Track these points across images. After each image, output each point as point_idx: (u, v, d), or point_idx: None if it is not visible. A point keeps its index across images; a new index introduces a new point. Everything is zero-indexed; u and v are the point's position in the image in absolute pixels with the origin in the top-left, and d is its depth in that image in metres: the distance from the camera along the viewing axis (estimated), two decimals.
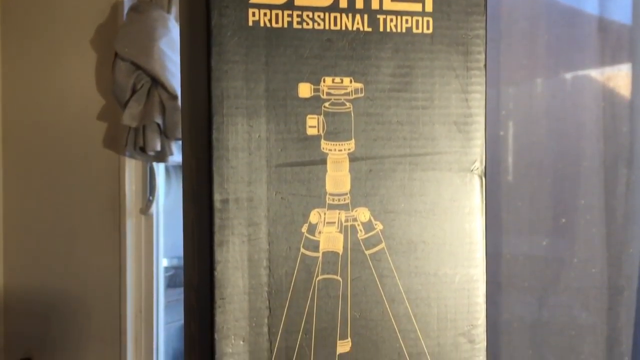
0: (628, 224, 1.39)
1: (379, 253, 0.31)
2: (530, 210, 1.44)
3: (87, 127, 1.98)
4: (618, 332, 1.37)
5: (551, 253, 1.45)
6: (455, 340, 0.32)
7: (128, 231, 1.94)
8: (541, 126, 1.47)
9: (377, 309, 0.31)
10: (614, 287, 1.39)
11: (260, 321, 0.30)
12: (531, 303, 1.44)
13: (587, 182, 1.42)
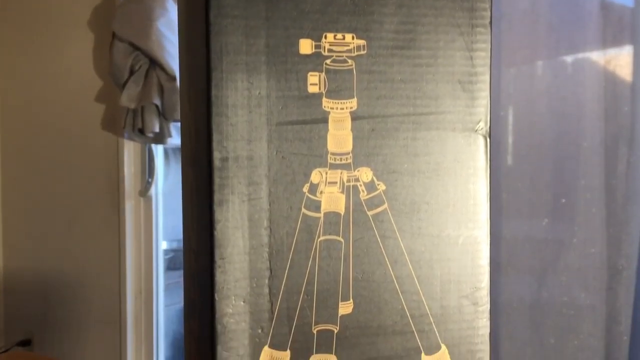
0: (628, 204, 1.38)
1: (382, 214, 0.31)
2: (530, 190, 1.44)
3: (85, 109, 1.97)
4: (617, 311, 1.37)
5: (551, 233, 1.45)
6: (458, 302, 0.32)
7: (127, 213, 1.93)
8: (542, 106, 1.46)
9: (380, 271, 0.31)
10: (614, 267, 1.39)
11: (260, 282, 0.29)
12: (530, 283, 1.44)
13: (587, 162, 1.42)
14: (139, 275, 1.95)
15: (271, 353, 0.30)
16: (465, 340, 0.32)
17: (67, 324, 1.99)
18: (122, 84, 1.84)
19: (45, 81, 2.05)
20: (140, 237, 1.96)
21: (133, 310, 1.95)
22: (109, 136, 1.93)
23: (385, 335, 0.31)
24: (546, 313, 1.43)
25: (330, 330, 0.30)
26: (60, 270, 2.01)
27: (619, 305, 1.37)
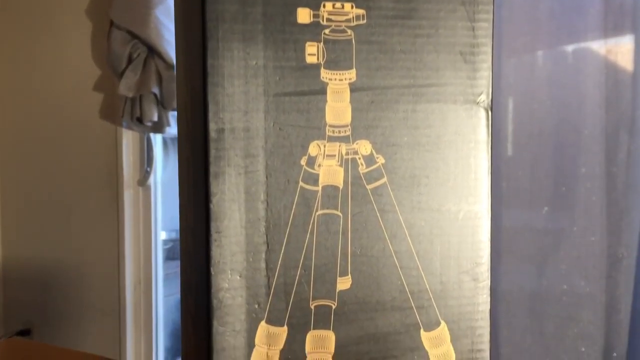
0: (628, 192, 1.38)
1: (381, 187, 0.30)
2: (530, 178, 1.43)
3: (82, 98, 1.96)
4: (617, 300, 1.37)
5: (551, 222, 1.45)
6: (458, 278, 0.31)
7: (126, 203, 1.93)
8: (542, 94, 1.45)
9: (378, 245, 0.30)
10: (614, 255, 1.38)
11: (257, 256, 0.29)
12: (530, 271, 1.44)
13: (588, 150, 1.41)
14: (138, 264, 1.95)
15: (268, 329, 0.29)
16: (465, 317, 0.31)
17: (67, 313, 1.99)
18: (120, 73, 1.83)
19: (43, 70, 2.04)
20: (139, 227, 1.96)
21: (132, 299, 1.95)
22: (107, 125, 1.92)
23: (384, 311, 0.30)
24: (546, 301, 1.43)
25: (328, 305, 0.30)
26: (59, 260, 2.00)
27: (618, 294, 1.37)
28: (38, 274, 2.05)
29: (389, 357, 0.30)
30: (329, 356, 0.30)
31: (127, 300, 1.95)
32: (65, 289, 2.01)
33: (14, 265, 2.09)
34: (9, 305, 2.09)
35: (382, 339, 0.30)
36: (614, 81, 1.40)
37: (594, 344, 1.40)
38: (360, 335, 0.30)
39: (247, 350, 0.29)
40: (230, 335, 0.28)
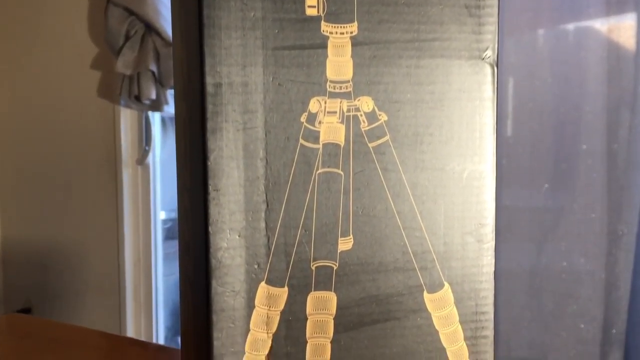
0: (629, 169, 1.37)
1: (383, 146, 0.29)
2: (530, 156, 1.43)
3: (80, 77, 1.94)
4: (616, 277, 1.37)
5: (551, 199, 1.44)
6: (462, 239, 0.30)
7: (124, 182, 1.92)
8: (543, 71, 1.44)
9: (381, 205, 0.29)
10: (614, 232, 1.38)
11: (257, 215, 0.28)
12: (530, 249, 1.44)
13: (589, 126, 1.40)
14: (137, 243, 1.95)
15: (268, 289, 0.28)
16: (469, 278, 0.31)
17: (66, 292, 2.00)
18: (118, 50, 1.82)
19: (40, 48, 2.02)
20: (137, 205, 1.95)
21: (132, 278, 1.95)
22: (105, 104, 1.91)
23: (387, 273, 0.30)
24: (545, 279, 1.43)
25: (330, 266, 0.29)
26: (58, 239, 2.00)
27: (618, 271, 1.37)
28: (37, 254, 2.05)
29: (391, 319, 0.30)
30: (330, 318, 0.29)
31: (127, 279, 1.95)
32: (64, 268, 2.01)
33: (13, 245, 2.09)
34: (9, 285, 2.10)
35: (384, 301, 0.29)
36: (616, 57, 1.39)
37: (593, 320, 1.40)
38: (362, 296, 0.29)
39: (246, 311, 0.28)
40: (230, 296, 0.28)
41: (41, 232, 2.04)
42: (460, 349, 0.31)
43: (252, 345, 0.28)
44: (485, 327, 0.31)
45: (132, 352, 0.81)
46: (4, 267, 2.10)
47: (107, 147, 1.90)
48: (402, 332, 0.30)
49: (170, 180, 1.95)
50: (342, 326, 0.29)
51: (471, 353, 0.31)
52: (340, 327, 0.29)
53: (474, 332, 0.31)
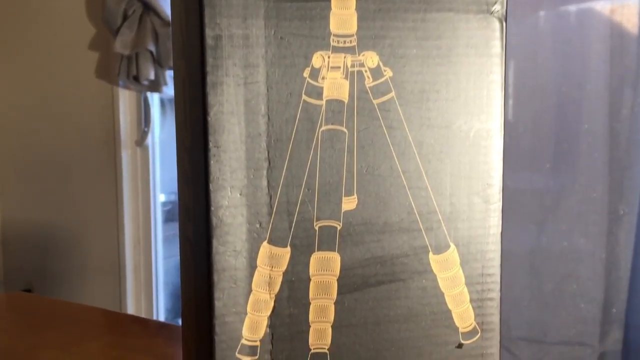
0: (631, 149, 1.36)
1: (388, 102, 0.28)
2: (532, 135, 1.42)
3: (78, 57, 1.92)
4: (617, 256, 1.37)
5: (552, 178, 1.44)
6: (469, 199, 0.30)
7: (124, 163, 1.91)
8: (545, 48, 1.43)
9: (385, 164, 0.29)
10: (614, 212, 1.38)
11: (258, 173, 0.27)
12: (530, 229, 1.43)
13: (591, 106, 1.39)
14: (137, 224, 1.94)
15: (270, 249, 0.28)
16: (475, 240, 0.30)
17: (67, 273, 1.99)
18: (116, 30, 1.80)
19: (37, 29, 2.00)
20: (137, 187, 1.95)
21: (132, 260, 1.95)
22: (103, 85, 1.89)
23: (391, 233, 0.29)
24: (546, 259, 1.42)
25: (333, 226, 0.28)
26: (58, 221, 2.00)
27: (618, 250, 1.36)
28: (37, 236, 2.04)
29: (396, 281, 0.29)
30: (334, 279, 0.29)
31: (127, 261, 1.95)
32: (64, 250, 2.01)
33: (13, 227, 2.09)
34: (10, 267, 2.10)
35: (389, 262, 0.29)
36: (619, 35, 1.37)
37: (593, 300, 1.40)
38: (367, 257, 0.29)
39: (248, 271, 0.28)
40: (231, 256, 0.27)
41: (41, 214, 2.03)
42: (465, 311, 0.30)
43: (254, 306, 0.28)
44: (492, 289, 0.30)
45: (133, 328, 0.80)
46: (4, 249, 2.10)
47: (106, 129, 1.89)
48: (406, 293, 0.29)
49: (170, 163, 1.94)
50: (345, 287, 0.29)
51: (477, 315, 0.30)
52: (344, 289, 0.29)
53: (480, 294, 0.30)
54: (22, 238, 2.08)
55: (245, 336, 0.28)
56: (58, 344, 0.69)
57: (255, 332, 0.28)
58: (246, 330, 0.28)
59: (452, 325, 0.30)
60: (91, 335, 0.75)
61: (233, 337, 0.28)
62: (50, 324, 0.78)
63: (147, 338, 0.75)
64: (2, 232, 2.10)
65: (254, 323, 0.28)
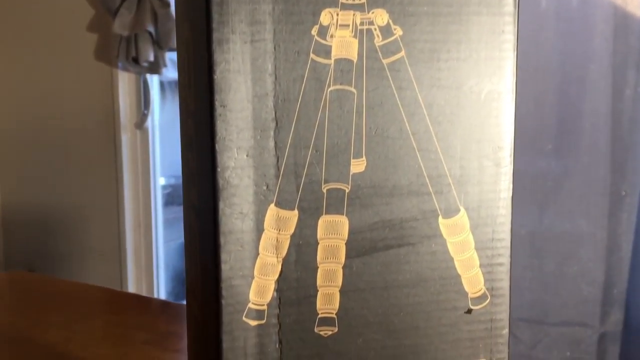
0: (634, 129, 1.35)
1: (398, 62, 0.28)
2: (534, 115, 1.41)
3: (76, 39, 1.91)
4: (618, 237, 1.36)
5: (554, 159, 1.43)
6: (479, 162, 0.29)
7: (123, 145, 1.90)
8: (548, 27, 1.41)
9: (395, 126, 0.28)
10: (616, 193, 1.37)
11: (266, 134, 0.27)
12: (532, 209, 1.43)
13: (594, 85, 1.38)
14: (137, 208, 1.94)
15: (277, 212, 0.27)
16: (485, 204, 0.29)
17: (68, 257, 1.99)
18: (114, 11, 1.78)
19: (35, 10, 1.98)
20: (137, 170, 1.94)
21: (132, 243, 1.95)
22: (102, 67, 1.88)
23: (401, 196, 0.28)
24: (547, 239, 1.42)
25: (341, 189, 0.28)
26: (58, 203, 1.99)
27: (620, 232, 1.36)
28: (38, 219, 2.04)
29: (404, 245, 0.29)
30: (342, 242, 0.28)
31: (127, 243, 1.94)
32: (65, 232, 2.00)
33: (13, 210, 2.08)
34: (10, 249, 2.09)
35: (397, 226, 0.28)
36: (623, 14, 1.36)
37: (594, 281, 1.40)
38: (375, 221, 0.28)
39: (255, 234, 0.27)
40: (238, 218, 0.27)
41: (41, 197, 2.03)
42: (475, 276, 0.30)
43: (261, 269, 0.27)
44: (502, 254, 0.30)
45: (135, 306, 0.80)
46: (5, 232, 2.10)
47: (105, 111, 1.88)
48: (415, 258, 0.29)
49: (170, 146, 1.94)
50: (354, 251, 0.28)
51: (486, 280, 0.30)
52: (352, 253, 0.28)
53: (490, 259, 0.30)
54: (22, 221, 2.07)
55: (252, 300, 0.27)
56: (60, 321, 0.69)
57: (262, 296, 0.27)
58: (253, 294, 0.27)
59: (462, 291, 0.30)
60: (93, 313, 0.75)
61: (240, 300, 0.27)
62: (52, 302, 0.77)
63: (149, 316, 0.75)
64: (3, 215, 2.10)
65: (261, 287, 0.27)
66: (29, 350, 0.61)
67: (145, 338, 0.64)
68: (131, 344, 0.63)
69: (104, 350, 0.62)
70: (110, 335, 0.68)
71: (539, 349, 1.41)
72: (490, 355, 0.30)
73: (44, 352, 0.60)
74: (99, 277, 1.90)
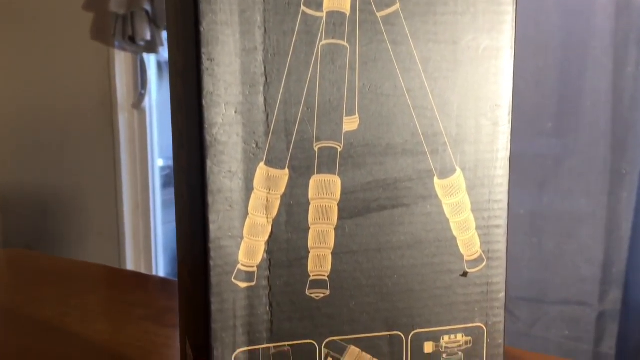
0: (635, 107, 1.34)
1: (393, 16, 0.27)
2: (534, 93, 1.39)
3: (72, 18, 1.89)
4: (618, 216, 1.36)
5: (554, 137, 1.42)
6: (476, 121, 0.28)
7: (121, 126, 1.89)
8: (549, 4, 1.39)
9: (389, 82, 0.27)
10: (617, 171, 1.36)
11: (255, 90, 0.26)
12: (531, 188, 1.42)
13: (595, 63, 1.36)
14: (135, 188, 1.93)
15: (268, 171, 0.26)
16: (482, 164, 0.29)
17: (66, 237, 1.99)
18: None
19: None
20: (135, 150, 1.93)
21: (131, 224, 1.95)
22: (99, 46, 1.86)
23: (395, 155, 0.27)
24: (547, 218, 1.42)
25: (334, 148, 0.27)
26: (56, 184, 1.99)
27: (620, 210, 1.36)
28: (36, 199, 2.03)
29: (399, 206, 0.28)
30: (334, 203, 0.27)
31: (126, 224, 1.94)
32: (63, 214, 2.00)
33: (11, 191, 2.08)
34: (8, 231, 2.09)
35: (392, 186, 0.28)
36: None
37: (593, 260, 1.40)
38: (369, 181, 0.27)
39: (244, 193, 0.26)
40: (226, 177, 0.26)
41: (39, 178, 2.02)
42: (471, 239, 0.29)
43: (251, 230, 0.27)
44: (499, 216, 0.29)
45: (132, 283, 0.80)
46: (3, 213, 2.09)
47: (102, 91, 1.86)
48: (410, 219, 0.28)
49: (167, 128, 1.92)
50: (346, 212, 0.27)
51: (483, 243, 0.29)
52: (345, 213, 0.27)
53: (487, 221, 0.29)
54: (20, 203, 2.07)
55: (241, 262, 0.27)
56: (57, 297, 0.68)
57: (252, 258, 0.27)
58: (242, 255, 0.27)
59: (457, 253, 0.29)
60: (91, 289, 0.74)
61: (229, 262, 0.26)
62: (50, 278, 0.77)
63: (147, 292, 0.75)
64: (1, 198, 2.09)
65: (250, 248, 0.27)
66: (25, 325, 0.60)
67: (143, 314, 0.64)
68: (128, 319, 0.63)
69: (100, 325, 0.62)
70: (107, 310, 0.68)
71: (538, 328, 1.41)
72: (486, 319, 0.30)
73: (39, 327, 0.59)
74: (97, 259, 1.90)
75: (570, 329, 1.42)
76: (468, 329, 0.29)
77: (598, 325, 1.39)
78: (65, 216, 1.99)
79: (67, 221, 2.00)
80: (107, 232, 1.93)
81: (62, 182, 1.97)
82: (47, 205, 2.00)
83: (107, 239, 1.93)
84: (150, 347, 0.56)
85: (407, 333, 0.29)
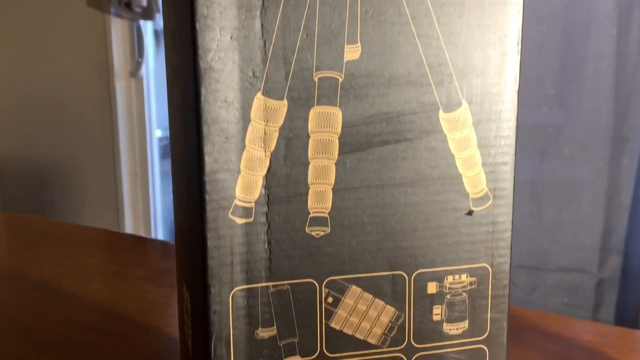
0: (638, 73, 1.32)
1: None
2: (536, 59, 1.37)
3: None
4: (619, 184, 1.35)
5: (556, 104, 1.40)
6: (484, 52, 0.27)
7: (118, 94, 1.87)
8: None
9: (393, 9, 0.26)
10: (618, 137, 1.35)
11: (251, 14, 0.24)
12: (532, 155, 1.41)
13: (599, 28, 1.34)
14: (133, 158, 1.92)
15: (265, 101, 0.25)
16: (489, 98, 0.27)
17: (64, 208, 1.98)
18: None
19: None
20: (132, 119, 1.91)
21: (129, 192, 1.94)
22: (95, 13, 1.83)
23: (398, 87, 0.26)
24: (547, 186, 1.41)
25: (334, 78, 0.26)
26: (54, 155, 1.97)
27: (620, 178, 1.35)
28: (34, 169, 2.02)
29: (402, 140, 0.27)
30: (335, 136, 0.26)
31: (124, 195, 1.93)
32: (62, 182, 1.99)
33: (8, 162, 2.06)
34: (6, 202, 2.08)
35: (395, 119, 0.26)
36: None
37: (593, 227, 1.39)
38: (371, 114, 0.26)
39: (241, 124, 0.25)
40: (222, 107, 0.25)
41: (37, 148, 2.01)
42: (477, 176, 0.28)
43: (248, 163, 0.25)
44: (506, 153, 0.28)
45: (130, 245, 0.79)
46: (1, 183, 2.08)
47: (98, 59, 1.84)
48: (414, 154, 0.27)
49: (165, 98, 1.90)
50: (347, 146, 0.26)
51: (489, 181, 0.28)
52: (346, 148, 0.26)
53: (494, 157, 0.28)
54: (18, 172, 2.05)
55: (238, 196, 0.26)
56: (54, 259, 0.68)
57: (249, 193, 0.26)
58: (239, 190, 0.26)
59: (462, 191, 0.28)
60: (88, 251, 0.74)
61: (225, 196, 0.25)
62: (47, 241, 0.76)
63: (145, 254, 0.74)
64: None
65: (248, 183, 0.26)
66: (22, 285, 0.60)
67: (140, 274, 0.63)
68: (125, 280, 0.62)
69: (97, 285, 0.61)
70: (105, 271, 0.67)
71: (537, 295, 1.41)
72: (491, 259, 0.29)
73: (36, 287, 0.59)
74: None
75: (570, 296, 1.42)
76: (473, 269, 0.28)
77: (597, 292, 1.39)
78: (64, 186, 1.98)
79: (65, 191, 1.99)
80: (106, 202, 1.93)
81: (59, 151, 1.96)
82: (45, 174, 1.99)
83: (106, 209, 1.92)
84: (148, 305, 0.55)
85: (410, 273, 0.28)
